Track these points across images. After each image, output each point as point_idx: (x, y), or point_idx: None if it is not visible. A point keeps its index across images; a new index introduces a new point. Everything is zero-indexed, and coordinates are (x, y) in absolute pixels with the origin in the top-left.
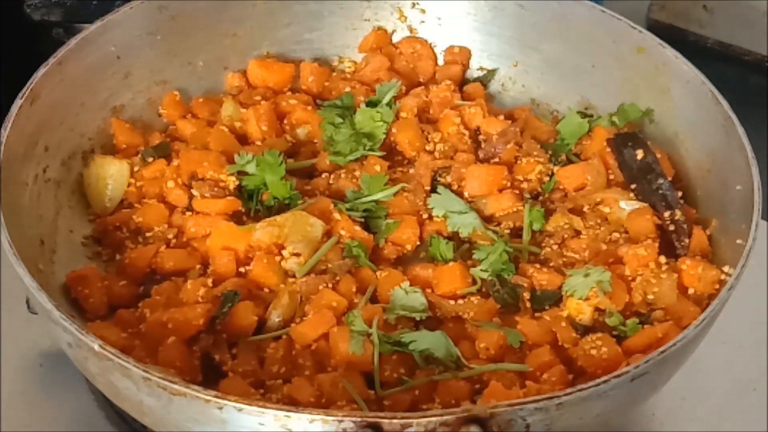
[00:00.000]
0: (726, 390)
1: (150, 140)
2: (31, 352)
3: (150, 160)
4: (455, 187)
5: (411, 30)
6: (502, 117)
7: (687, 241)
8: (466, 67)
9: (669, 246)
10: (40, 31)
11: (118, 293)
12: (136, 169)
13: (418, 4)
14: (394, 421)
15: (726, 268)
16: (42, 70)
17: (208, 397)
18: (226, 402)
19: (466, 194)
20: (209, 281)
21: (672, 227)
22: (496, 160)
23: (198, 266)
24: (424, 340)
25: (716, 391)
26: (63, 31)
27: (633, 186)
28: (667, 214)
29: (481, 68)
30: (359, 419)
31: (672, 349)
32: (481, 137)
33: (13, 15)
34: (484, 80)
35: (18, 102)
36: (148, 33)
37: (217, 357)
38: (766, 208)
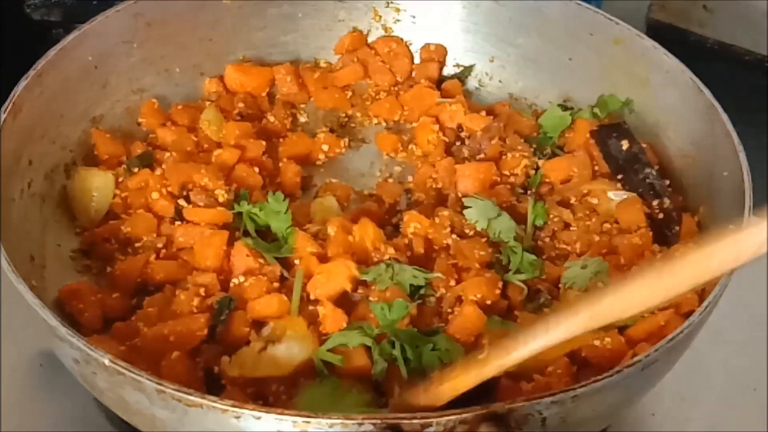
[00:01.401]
0: (726, 390)
1: (132, 149)
2: (31, 352)
3: (135, 170)
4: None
5: (386, 29)
6: (483, 113)
7: (677, 228)
8: (442, 64)
9: (660, 234)
10: (40, 31)
11: (112, 306)
12: (120, 179)
13: (392, 2)
14: (414, 421)
15: None
16: (23, 83)
17: (225, 407)
18: (243, 411)
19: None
20: (202, 290)
21: (661, 216)
22: (482, 156)
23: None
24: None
25: (716, 391)
26: (63, 31)
27: (619, 177)
28: (655, 202)
29: (457, 65)
30: (379, 421)
31: (680, 336)
32: (463, 134)
33: (13, 15)
34: (461, 77)
35: (2, 116)
36: (124, 41)
37: (216, 368)
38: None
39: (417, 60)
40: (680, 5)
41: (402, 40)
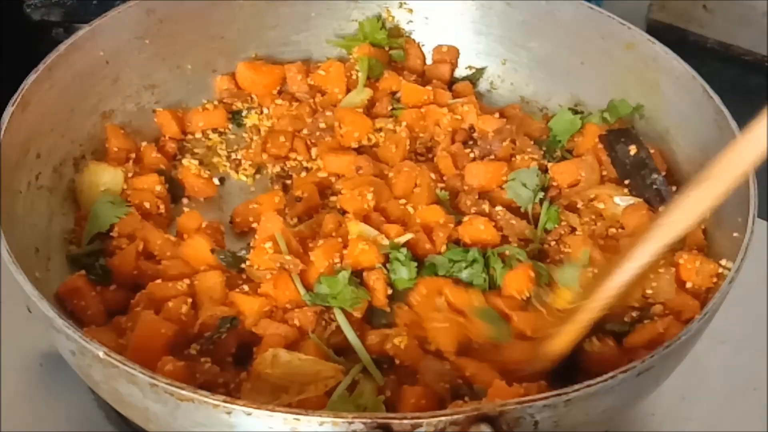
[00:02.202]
0: (726, 390)
1: (144, 152)
2: (31, 352)
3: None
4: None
5: (398, 30)
6: (497, 115)
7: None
8: (454, 65)
9: None
10: (40, 31)
11: (112, 298)
12: (129, 175)
13: (405, 3)
14: (405, 421)
15: (723, 261)
16: (32, 77)
17: (217, 402)
18: (234, 406)
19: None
20: (189, 300)
21: None
22: (492, 157)
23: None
24: None
25: (716, 391)
26: (63, 31)
27: (627, 182)
28: (661, 209)
29: (469, 67)
30: (369, 420)
31: (676, 343)
32: (475, 135)
33: (13, 15)
34: (473, 79)
35: (9, 109)
36: (136, 37)
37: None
38: (766, 208)
39: (429, 61)
40: (680, 5)
41: (414, 40)
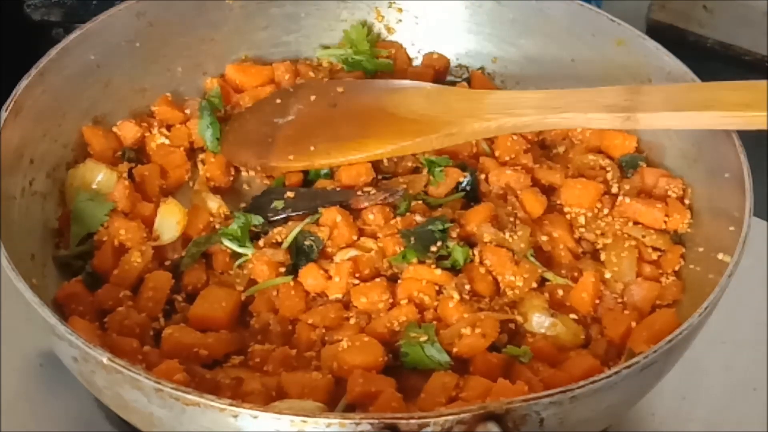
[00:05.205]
0: (726, 390)
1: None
2: (31, 352)
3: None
4: None
5: (388, 29)
6: None
7: None
8: (440, 74)
9: None
10: (40, 31)
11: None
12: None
13: (395, 3)
14: (411, 421)
15: (720, 256)
16: (24, 82)
17: (223, 406)
18: (241, 410)
19: None
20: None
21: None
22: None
23: None
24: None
25: (716, 391)
26: (63, 31)
27: None
28: None
29: (459, 66)
30: (376, 421)
31: (679, 337)
32: None
33: (13, 15)
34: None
35: (3, 115)
36: (126, 41)
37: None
38: (766, 208)
39: (418, 62)
40: (680, 5)
41: (401, 45)
